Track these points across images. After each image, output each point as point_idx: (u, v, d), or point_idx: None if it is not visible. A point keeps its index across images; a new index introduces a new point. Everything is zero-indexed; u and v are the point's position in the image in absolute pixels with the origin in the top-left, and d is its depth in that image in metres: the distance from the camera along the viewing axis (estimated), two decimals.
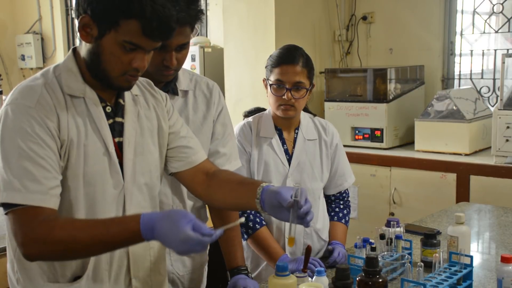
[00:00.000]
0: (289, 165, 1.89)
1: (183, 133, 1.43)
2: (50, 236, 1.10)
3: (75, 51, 1.27)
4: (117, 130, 1.28)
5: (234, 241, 1.68)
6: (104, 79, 1.22)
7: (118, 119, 1.29)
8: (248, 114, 2.99)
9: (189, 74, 1.70)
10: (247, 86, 3.99)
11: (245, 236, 1.87)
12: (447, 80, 3.94)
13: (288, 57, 1.81)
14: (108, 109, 1.28)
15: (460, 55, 3.88)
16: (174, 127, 1.42)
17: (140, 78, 1.42)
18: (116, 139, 1.27)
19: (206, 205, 1.77)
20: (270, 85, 1.84)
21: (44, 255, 1.13)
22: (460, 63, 3.89)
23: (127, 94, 1.32)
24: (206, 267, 1.81)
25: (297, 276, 1.40)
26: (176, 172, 1.42)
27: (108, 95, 1.28)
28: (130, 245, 1.22)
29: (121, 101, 1.31)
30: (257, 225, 1.85)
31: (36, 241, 1.10)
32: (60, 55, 5.85)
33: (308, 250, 1.51)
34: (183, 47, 1.50)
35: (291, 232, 1.19)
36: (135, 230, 1.11)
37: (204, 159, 1.43)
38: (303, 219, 1.19)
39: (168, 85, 1.61)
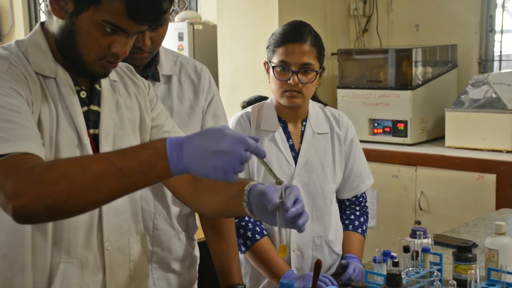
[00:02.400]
0: (296, 163, 1.89)
1: (168, 127, 1.43)
2: (47, 174, 1.03)
3: (43, 26, 1.27)
4: (92, 120, 1.28)
5: (230, 254, 1.68)
6: (77, 63, 1.22)
7: (94, 108, 1.29)
8: (247, 104, 2.98)
9: (173, 55, 1.70)
10: (245, 70, 3.99)
11: (243, 249, 1.87)
12: (485, 62, 3.94)
13: (294, 34, 1.81)
14: (83, 94, 1.27)
15: (501, 32, 3.87)
16: (157, 120, 1.42)
17: (119, 63, 1.42)
18: (91, 131, 1.28)
19: (195, 213, 1.78)
20: (273, 67, 1.83)
21: (38, 205, 1.03)
22: (501, 42, 3.88)
23: (103, 80, 1.32)
24: (195, 286, 1.81)
25: None
26: None
27: (83, 79, 1.28)
28: (151, 177, 1.10)
29: (97, 86, 1.31)
30: (257, 235, 1.85)
31: (30, 184, 1.03)
32: (20, 32, 5.82)
33: (317, 265, 1.50)
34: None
35: (281, 239, 1.19)
36: (159, 146, 1.07)
37: None
38: (294, 223, 1.18)
39: (147, 69, 1.60)
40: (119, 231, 1.32)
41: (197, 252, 1.81)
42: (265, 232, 1.87)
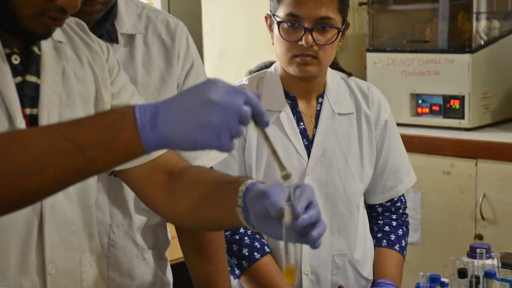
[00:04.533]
0: (309, 155, 1.91)
1: None
2: None
3: None
4: (29, 95, 1.29)
5: (218, 280, 1.70)
6: (9, 19, 1.23)
7: (31, 79, 1.30)
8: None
9: (137, 7, 1.71)
10: (239, 28, 3.99)
11: (237, 272, 1.89)
12: None
13: None
14: (16, 59, 1.29)
15: None
16: (120, 96, 1.43)
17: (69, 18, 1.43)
18: (28, 111, 1.29)
19: (167, 224, 1.79)
20: (278, 23, 1.84)
21: None
22: None
23: (45, 41, 1.33)
24: None
25: None
26: (120, 171, 1.43)
27: (16, 40, 1.29)
28: (115, 152, 1.10)
29: (35, 49, 1.32)
30: (256, 253, 1.87)
31: None
32: None
33: None
34: None
35: (288, 258, 1.18)
36: (126, 111, 1.08)
37: (166, 150, 1.44)
38: (306, 236, 1.18)
39: (101, 27, 1.61)
40: (67, 249, 1.33)
41: (169, 276, 1.83)
42: (267, 249, 1.89)
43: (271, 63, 2.65)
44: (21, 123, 1.26)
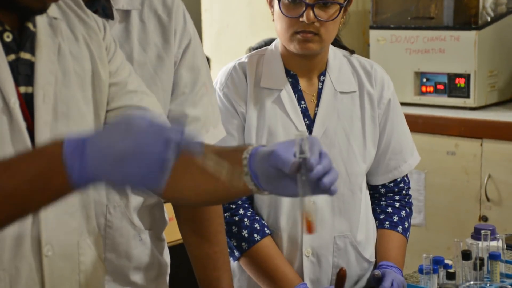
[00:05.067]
0: (310, 134, 1.91)
1: (132, 86, 1.45)
2: None
3: None
4: (23, 74, 1.29)
5: (217, 262, 1.70)
6: None
7: (25, 56, 1.30)
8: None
9: None
10: (238, 4, 3.97)
11: (237, 254, 1.90)
12: None
13: None
14: (8, 36, 1.28)
15: None
16: (117, 75, 1.43)
17: None
18: (22, 89, 1.29)
19: (164, 204, 1.80)
20: None
21: None
22: None
23: (39, 17, 1.32)
24: None
25: None
26: None
27: (9, 16, 1.29)
28: (48, 197, 1.14)
29: (30, 25, 1.32)
30: (256, 235, 1.88)
31: None
32: None
33: (341, 276, 1.53)
34: None
35: (306, 211, 1.20)
36: (54, 152, 1.09)
37: None
38: (318, 186, 1.21)
39: (96, 2, 1.60)
40: (64, 231, 1.34)
41: (167, 257, 1.84)
42: (267, 231, 1.90)
43: (271, 40, 2.65)
44: (14, 103, 1.26)
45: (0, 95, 1.25)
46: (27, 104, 1.29)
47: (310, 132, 1.91)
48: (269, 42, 2.78)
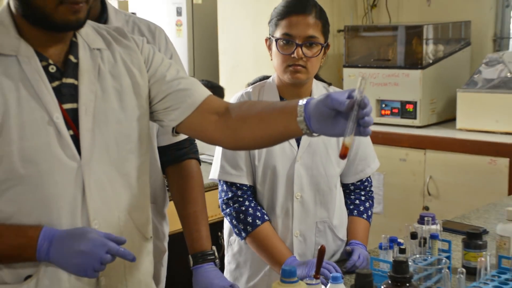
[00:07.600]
0: (298, 146, 1.89)
1: (170, 76, 1.40)
2: None
3: (9, 3, 1.27)
4: (68, 94, 1.28)
5: (197, 218, 1.67)
6: (43, 19, 1.21)
7: (68, 81, 1.28)
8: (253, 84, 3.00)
9: (125, 15, 1.69)
10: (247, 48, 3.96)
11: (243, 234, 1.87)
12: (500, 40, 3.91)
13: (299, 6, 1.80)
14: (52, 68, 1.27)
15: None
16: (157, 75, 1.39)
17: (109, 26, 1.41)
18: (69, 106, 1.27)
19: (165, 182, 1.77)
20: (276, 41, 1.83)
21: None
22: None
23: (82, 49, 1.31)
24: (165, 260, 1.82)
25: (307, 284, 1.40)
26: (179, 125, 1.39)
27: (55, 52, 1.27)
28: (19, 262, 1.27)
29: (71, 58, 1.29)
30: (257, 221, 1.86)
31: None
32: None
33: (321, 251, 1.51)
34: None
35: (348, 142, 1.18)
36: (32, 236, 1.21)
37: (207, 96, 1.40)
38: (358, 125, 1.19)
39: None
40: (107, 209, 1.31)
41: (166, 228, 1.82)
42: (266, 217, 1.87)
43: (264, 77, 2.65)
44: (57, 118, 1.25)
45: (46, 112, 1.24)
46: (74, 116, 1.27)
47: (298, 144, 1.89)
48: (262, 78, 2.76)
